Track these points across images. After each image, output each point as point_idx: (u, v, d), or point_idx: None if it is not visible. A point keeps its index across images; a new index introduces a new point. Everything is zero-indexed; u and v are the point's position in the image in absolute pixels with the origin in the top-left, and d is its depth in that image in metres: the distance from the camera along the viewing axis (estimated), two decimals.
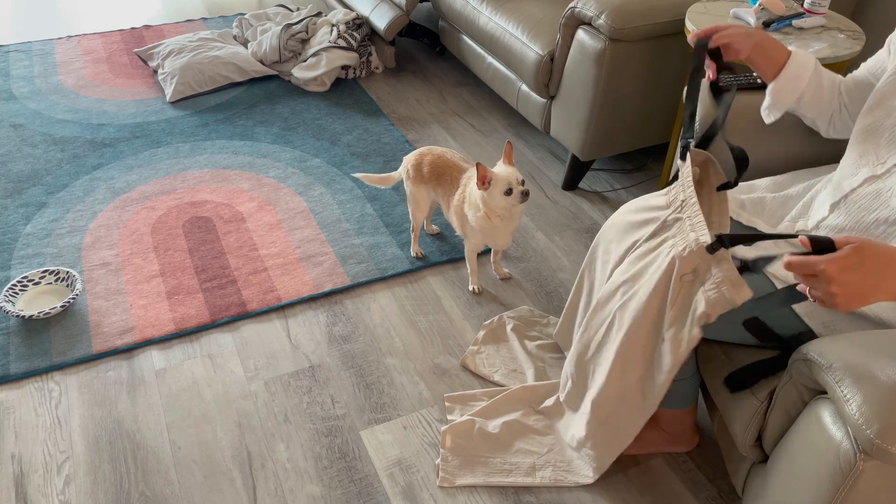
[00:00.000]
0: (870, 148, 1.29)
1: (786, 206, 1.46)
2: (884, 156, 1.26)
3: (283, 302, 2.10)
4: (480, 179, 1.87)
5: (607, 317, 1.43)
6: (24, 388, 1.85)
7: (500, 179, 1.88)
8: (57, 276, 2.13)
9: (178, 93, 3.07)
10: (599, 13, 2.22)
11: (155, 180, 2.60)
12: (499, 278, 2.21)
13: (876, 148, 1.28)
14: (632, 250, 1.41)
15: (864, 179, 1.27)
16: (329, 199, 2.52)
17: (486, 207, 1.93)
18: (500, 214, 1.94)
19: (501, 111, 3.09)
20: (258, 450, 1.71)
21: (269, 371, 1.91)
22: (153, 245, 2.30)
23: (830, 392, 1.08)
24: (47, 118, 2.96)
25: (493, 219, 1.95)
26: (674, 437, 1.67)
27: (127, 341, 1.97)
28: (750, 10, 2.14)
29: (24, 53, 3.46)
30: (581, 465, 1.64)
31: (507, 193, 1.88)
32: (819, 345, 1.13)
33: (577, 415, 1.63)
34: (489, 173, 1.88)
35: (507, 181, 1.87)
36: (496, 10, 2.74)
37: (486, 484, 1.63)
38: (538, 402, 1.77)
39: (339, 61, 3.17)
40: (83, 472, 1.66)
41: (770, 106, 1.47)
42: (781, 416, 1.22)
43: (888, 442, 0.98)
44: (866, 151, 1.29)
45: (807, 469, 1.13)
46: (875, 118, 1.30)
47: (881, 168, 1.25)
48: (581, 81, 2.36)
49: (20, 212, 2.44)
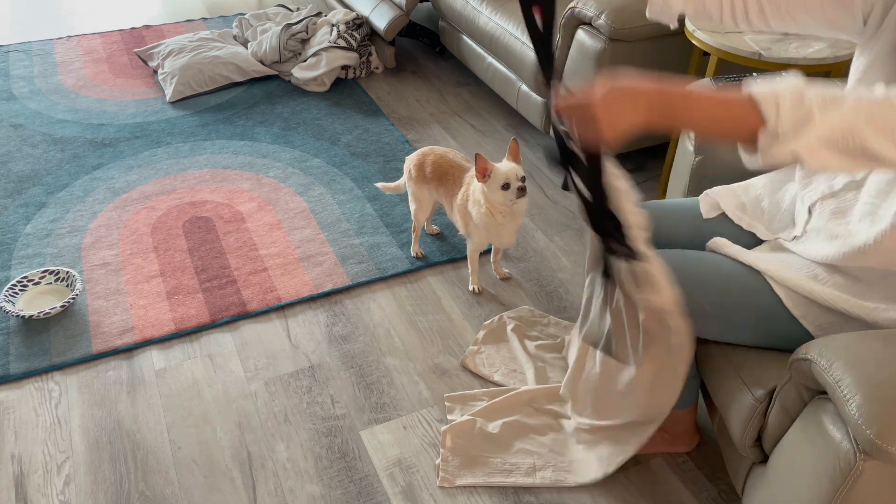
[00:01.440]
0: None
1: (778, 213, 1.46)
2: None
3: (283, 302, 2.10)
4: (480, 171, 1.89)
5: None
6: (24, 388, 1.85)
7: (499, 174, 1.89)
8: (57, 276, 2.13)
9: (178, 93, 3.08)
10: (599, 13, 2.22)
11: (155, 180, 2.60)
12: (499, 278, 2.21)
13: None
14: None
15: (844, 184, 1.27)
16: (329, 199, 2.52)
17: (488, 203, 1.93)
18: (502, 210, 1.94)
19: (501, 111, 3.09)
20: (258, 450, 1.71)
21: (269, 371, 1.91)
22: (153, 245, 2.30)
23: (830, 392, 1.08)
24: (47, 118, 2.96)
25: (495, 215, 1.95)
26: (674, 437, 1.67)
27: (127, 341, 1.97)
28: None
29: (24, 53, 3.46)
30: (582, 466, 1.64)
31: (504, 188, 1.88)
32: (819, 345, 1.13)
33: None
34: (489, 166, 1.90)
35: (506, 175, 1.88)
36: (496, 10, 2.74)
37: (486, 484, 1.63)
38: (539, 404, 1.77)
39: (339, 61, 3.17)
40: (83, 472, 1.66)
41: (655, 19, 1.37)
42: (781, 416, 1.22)
43: (888, 442, 0.98)
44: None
45: (807, 469, 1.13)
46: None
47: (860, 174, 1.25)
48: (581, 81, 2.36)
49: (20, 212, 2.44)
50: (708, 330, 1.36)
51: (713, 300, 1.32)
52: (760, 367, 1.31)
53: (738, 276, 1.32)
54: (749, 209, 1.48)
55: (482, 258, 2.26)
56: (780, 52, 1.99)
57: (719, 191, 1.51)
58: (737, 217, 1.47)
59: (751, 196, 1.49)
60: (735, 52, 2.01)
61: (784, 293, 1.27)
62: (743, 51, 2.00)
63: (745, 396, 1.29)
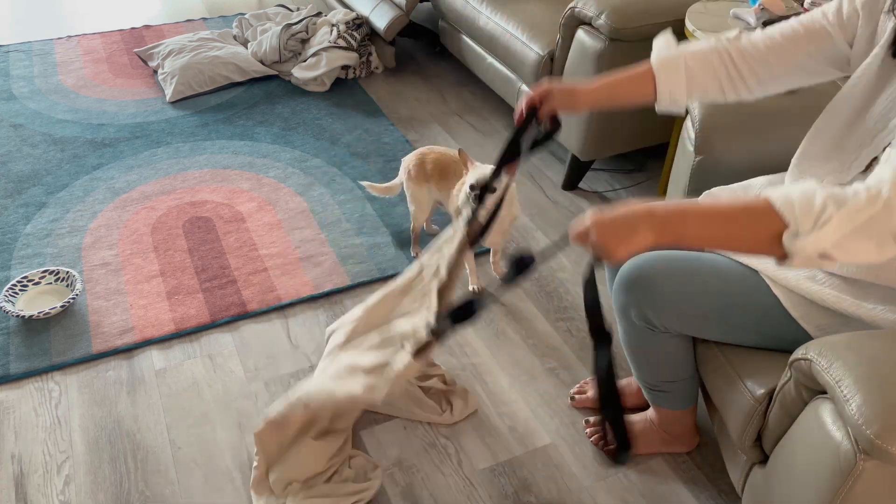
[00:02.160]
0: (834, 153, 1.29)
1: None
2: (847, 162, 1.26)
3: (283, 302, 2.10)
4: (463, 162, 1.97)
5: None
6: (24, 388, 1.85)
7: (472, 174, 1.93)
8: (57, 276, 2.13)
9: (178, 93, 3.08)
10: (599, 13, 2.22)
11: (155, 180, 2.60)
12: (498, 278, 2.21)
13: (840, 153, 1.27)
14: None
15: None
16: (329, 199, 2.52)
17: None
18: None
19: (501, 111, 3.09)
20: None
21: (269, 371, 1.91)
22: (153, 245, 2.30)
23: (830, 392, 1.08)
24: (47, 118, 2.96)
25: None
26: (673, 437, 1.67)
27: (127, 341, 1.97)
28: (750, 10, 2.14)
29: (24, 53, 3.46)
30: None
31: (470, 188, 1.90)
32: (819, 344, 1.13)
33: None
34: (470, 163, 1.96)
35: (474, 176, 1.90)
36: (496, 10, 2.74)
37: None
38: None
39: (339, 61, 3.17)
40: (83, 472, 1.66)
41: (665, 112, 1.43)
42: (781, 416, 1.22)
43: (888, 442, 0.98)
44: (831, 156, 1.29)
45: (807, 469, 1.13)
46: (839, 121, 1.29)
47: (847, 175, 1.25)
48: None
49: (20, 212, 2.44)
50: (707, 330, 1.37)
51: (713, 300, 1.33)
52: (760, 367, 1.31)
53: (737, 277, 1.32)
54: None
55: (482, 258, 2.26)
56: None
57: (719, 191, 1.52)
58: None
59: (749, 197, 1.50)
60: None
61: (783, 294, 1.27)
62: None
63: (744, 396, 1.29)
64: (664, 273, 1.35)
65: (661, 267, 1.36)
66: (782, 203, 1.00)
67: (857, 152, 1.23)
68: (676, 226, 1.05)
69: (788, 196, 1.00)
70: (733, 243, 1.08)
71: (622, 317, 1.43)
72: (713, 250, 1.25)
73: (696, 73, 1.36)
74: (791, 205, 1.00)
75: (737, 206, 1.05)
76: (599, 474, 1.67)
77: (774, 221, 1.00)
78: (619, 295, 1.41)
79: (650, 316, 1.36)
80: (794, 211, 0.99)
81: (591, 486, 1.64)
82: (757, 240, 1.03)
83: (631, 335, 1.46)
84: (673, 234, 1.05)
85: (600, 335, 1.16)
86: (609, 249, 1.06)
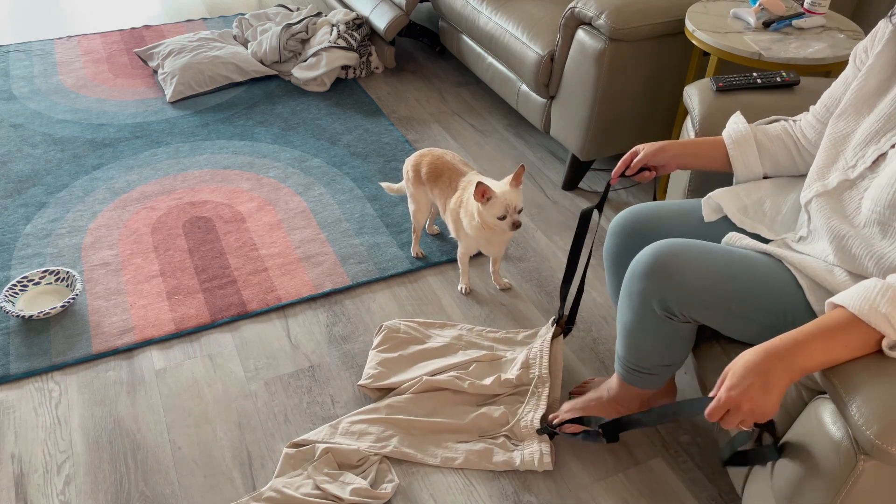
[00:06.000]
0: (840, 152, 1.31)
1: (779, 216, 1.46)
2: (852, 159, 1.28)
3: (283, 302, 2.10)
4: (479, 193, 1.84)
5: None
6: (24, 388, 1.85)
7: (496, 203, 1.84)
8: (57, 276, 2.13)
9: (178, 93, 3.08)
10: (599, 13, 2.22)
11: (155, 180, 2.60)
12: (499, 288, 2.20)
13: (844, 152, 1.30)
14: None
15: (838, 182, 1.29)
16: (329, 199, 2.52)
17: (481, 219, 1.92)
18: (494, 229, 1.93)
19: (501, 111, 3.10)
20: (258, 450, 1.71)
21: (269, 371, 1.91)
22: (153, 245, 2.30)
23: (830, 392, 1.08)
24: (47, 118, 2.96)
25: (485, 229, 1.94)
26: (623, 408, 1.65)
27: (127, 341, 1.97)
28: (750, 11, 2.14)
29: (24, 53, 3.46)
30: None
31: (500, 218, 1.86)
32: None
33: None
34: (489, 192, 1.84)
35: (504, 207, 1.84)
36: (496, 10, 2.74)
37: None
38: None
39: (339, 61, 3.17)
40: (83, 472, 1.66)
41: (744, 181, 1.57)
42: (781, 415, 1.22)
43: (888, 442, 0.98)
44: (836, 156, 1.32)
45: (807, 469, 1.13)
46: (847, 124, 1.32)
47: (853, 172, 1.27)
48: (581, 81, 2.36)
49: (20, 212, 2.44)
50: (727, 320, 1.33)
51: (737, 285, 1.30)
52: None
53: (763, 267, 1.31)
54: (751, 212, 1.48)
55: (481, 262, 2.26)
56: (780, 52, 1.99)
57: (721, 193, 1.51)
58: (739, 220, 1.46)
59: (753, 198, 1.49)
60: (735, 52, 2.01)
61: (807, 285, 1.27)
62: (743, 51, 2.00)
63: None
64: (689, 259, 1.32)
65: (685, 253, 1.32)
66: (873, 318, 1.07)
67: (865, 150, 1.26)
68: (802, 361, 1.09)
69: (875, 308, 1.07)
70: (846, 357, 1.11)
71: (640, 304, 1.38)
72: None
73: (766, 145, 1.52)
74: (886, 319, 1.06)
75: (845, 321, 1.10)
76: (599, 474, 1.67)
77: (871, 332, 1.08)
78: (639, 282, 1.36)
79: (672, 305, 1.33)
80: (888, 327, 1.07)
81: (591, 485, 1.64)
82: (865, 349, 1.10)
83: (642, 322, 1.41)
84: (801, 370, 1.10)
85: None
86: (761, 410, 1.10)
